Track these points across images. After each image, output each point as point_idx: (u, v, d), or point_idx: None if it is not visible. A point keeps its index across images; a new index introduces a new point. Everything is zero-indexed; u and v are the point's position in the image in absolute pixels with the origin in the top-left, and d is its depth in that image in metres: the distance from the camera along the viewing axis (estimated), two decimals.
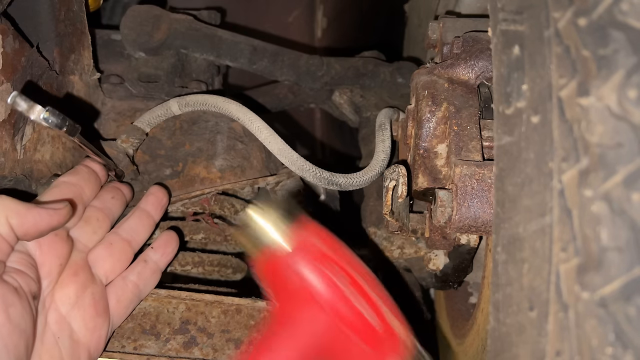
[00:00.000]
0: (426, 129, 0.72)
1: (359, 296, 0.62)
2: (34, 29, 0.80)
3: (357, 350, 0.62)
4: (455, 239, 0.77)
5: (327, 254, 0.63)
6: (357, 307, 0.62)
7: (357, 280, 0.63)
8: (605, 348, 0.36)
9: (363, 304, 0.62)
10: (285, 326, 0.63)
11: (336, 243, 0.65)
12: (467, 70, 0.73)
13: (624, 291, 0.36)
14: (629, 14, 0.38)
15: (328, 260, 0.63)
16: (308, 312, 0.62)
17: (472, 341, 0.85)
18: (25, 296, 0.60)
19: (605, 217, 0.37)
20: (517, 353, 0.44)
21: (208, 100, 0.89)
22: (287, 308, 0.64)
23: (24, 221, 0.60)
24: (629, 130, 0.37)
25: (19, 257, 0.62)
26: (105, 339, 0.69)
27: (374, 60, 1.17)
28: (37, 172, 0.78)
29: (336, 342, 0.62)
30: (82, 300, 0.67)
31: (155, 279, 0.76)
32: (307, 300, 0.62)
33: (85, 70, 0.90)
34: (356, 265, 0.64)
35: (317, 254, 0.63)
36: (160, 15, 1.04)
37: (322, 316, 0.62)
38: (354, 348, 0.62)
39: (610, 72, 0.38)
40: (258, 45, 1.08)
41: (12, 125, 0.72)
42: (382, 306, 0.63)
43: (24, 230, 0.60)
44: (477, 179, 0.64)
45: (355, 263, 0.64)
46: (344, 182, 0.85)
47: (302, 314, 0.62)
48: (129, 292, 0.72)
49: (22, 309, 0.59)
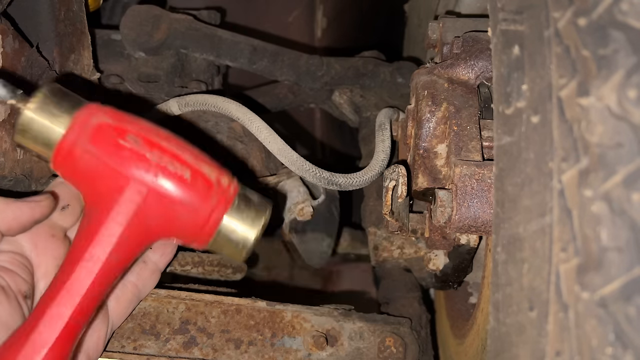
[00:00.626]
0: (426, 129, 0.72)
1: (161, 154, 0.60)
2: (33, 29, 0.80)
3: (177, 206, 0.60)
4: (455, 239, 0.77)
5: (114, 125, 0.60)
6: (160, 164, 0.59)
7: (154, 141, 0.60)
8: (605, 348, 0.36)
9: (167, 160, 0.60)
10: (101, 209, 0.60)
11: (125, 115, 0.62)
12: (467, 70, 0.73)
13: (624, 291, 0.36)
14: (628, 13, 0.38)
15: (116, 130, 0.60)
16: (115, 188, 0.59)
17: (472, 341, 0.85)
18: (14, 295, 0.60)
19: (605, 217, 0.37)
20: (517, 353, 0.44)
21: (208, 100, 0.89)
22: (96, 194, 0.61)
23: (4, 215, 0.60)
24: (629, 130, 0.37)
25: (10, 257, 0.62)
26: (104, 339, 0.69)
27: (374, 60, 1.17)
28: (37, 171, 0.78)
29: (154, 207, 0.60)
30: None
31: (154, 280, 0.76)
32: (110, 177, 0.59)
33: (85, 70, 0.90)
34: (152, 129, 0.62)
35: (103, 127, 0.59)
36: (160, 15, 1.04)
37: (130, 185, 0.59)
38: (173, 206, 0.60)
39: (610, 72, 0.38)
40: (258, 45, 1.08)
41: (12, 125, 0.72)
42: (189, 157, 0.61)
43: (6, 225, 0.60)
44: (477, 179, 0.64)
45: (150, 127, 0.62)
46: (344, 182, 0.85)
47: (110, 193, 0.60)
48: (128, 292, 0.72)
49: (11, 307, 0.59)
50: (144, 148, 0.60)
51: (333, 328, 0.78)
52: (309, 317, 0.78)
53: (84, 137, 0.59)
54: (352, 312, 0.80)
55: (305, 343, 0.77)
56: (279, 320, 0.78)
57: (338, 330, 0.78)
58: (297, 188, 0.97)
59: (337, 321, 0.78)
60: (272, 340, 0.77)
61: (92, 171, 0.60)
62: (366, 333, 0.78)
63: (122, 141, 0.59)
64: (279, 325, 0.77)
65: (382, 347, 0.78)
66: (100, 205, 0.61)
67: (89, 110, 0.61)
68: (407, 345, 0.79)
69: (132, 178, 0.59)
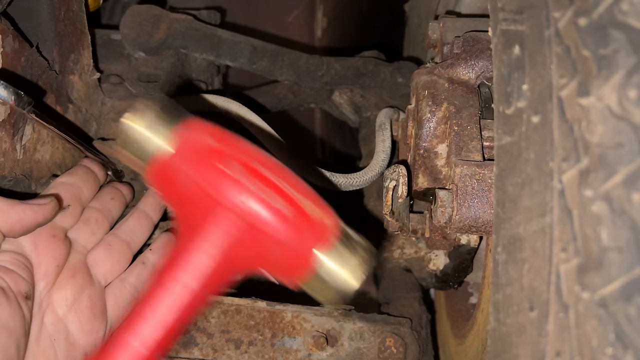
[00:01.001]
0: (426, 129, 0.72)
1: (264, 186, 0.55)
2: (33, 28, 0.80)
3: (275, 244, 0.55)
4: (455, 239, 0.77)
5: (217, 148, 0.55)
6: (263, 198, 0.54)
7: (258, 170, 0.55)
8: (605, 348, 0.36)
9: (269, 194, 0.54)
10: (193, 237, 0.55)
11: (228, 136, 0.57)
12: (467, 70, 0.73)
13: (624, 291, 0.36)
14: (629, 13, 0.38)
15: (219, 154, 0.55)
16: (211, 216, 0.54)
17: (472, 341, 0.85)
18: (14, 296, 0.60)
19: (606, 217, 0.37)
20: (518, 353, 0.44)
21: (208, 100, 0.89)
22: (189, 217, 0.57)
23: (7, 218, 0.60)
24: (630, 130, 0.37)
25: (11, 257, 0.62)
26: (102, 340, 0.69)
27: (374, 60, 1.17)
28: (37, 172, 0.78)
29: (249, 241, 0.55)
30: (79, 302, 0.67)
31: None
32: (206, 203, 0.55)
33: (85, 70, 0.90)
34: (256, 155, 0.57)
35: (205, 150, 0.55)
36: (160, 15, 1.04)
37: (227, 215, 0.54)
38: (270, 243, 0.55)
39: (611, 72, 0.38)
40: (258, 45, 1.08)
41: (12, 125, 0.72)
42: (293, 193, 0.55)
43: (8, 227, 0.60)
44: (477, 179, 0.64)
45: (254, 153, 0.57)
46: (344, 182, 0.85)
47: (205, 220, 0.55)
48: (127, 294, 0.72)
49: (11, 309, 0.58)
50: (246, 177, 0.55)
51: (333, 328, 0.78)
52: (309, 317, 0.78)
53: (182, 156, 0.55)
54: (352, 312, 0.80)
55: (306, 343, 0.77)
56: (279, 320, 0.78)
57: (338, 331, 0.78)
58: None
59: (337, 321, 0.78)
60: (272, 341, 0.77)
61: (188, 194, 0.55)
62: (366, 333, 0.78)
63: (223, 167, 0.54)
64: (279, 326, 0.77)
65: (382, 347, 0.78)
66: (192, 230, 0.56)
67: (191, 126, 0.56)
68: (407, 346, 0.79)
69: (229, 208, 0.54)
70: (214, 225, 0.55)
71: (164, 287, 0.54)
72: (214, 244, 0.55)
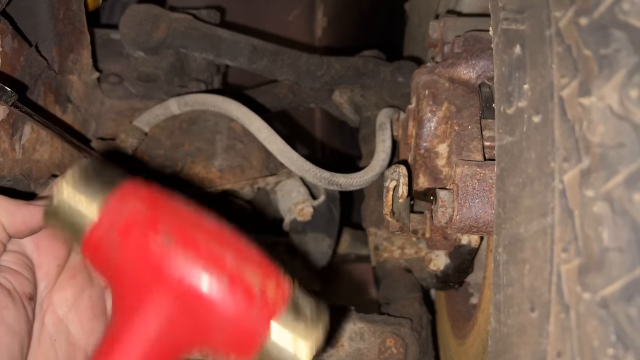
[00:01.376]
0: (427, 129, 0.72)
1: (192, 253, 0.51)
2: (32, 28, 0.80)
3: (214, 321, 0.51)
4: (456, 240, 0.77)
5: (148, 216, 0.52)
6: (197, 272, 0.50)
7: (194, 238, 0.52)
8: (606, 349, 0.36)
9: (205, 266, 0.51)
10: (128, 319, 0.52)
11: (163, 200, 0.54)
12: (468, 69, 0.73)
13: (625, 292, 0.36)
14: (630, 13, 0.38)
15: (149, 224, 0.51)
16: (145, 293, 0.51)
17: (472, 342, 0.85)
18: (19, 298, 0.59)
19: (607, 218, 0.37)
20: (518, 354, 0.44)
21: (207, 99, 0.89)
22: (124, 295, 0.53)
23: (14, 219, 0.60)
24: (631, 130, 0.37)
25: (14, 257, 0.62)
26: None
27: (374, 60, 1.17)
28: (36, 172, 0.78)
29: (187, 320, 0.51)
30: (80, 302, 0.67)
31: None
32: (138, 279, 0.51)
33: (84, 70, 0.90)
34: (192, 219, 0.53)
35: (133, 220, 0.51)
36: (159, 15, 1.04)
37: (159, 293, 0.51)
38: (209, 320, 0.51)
39: (612, 71, 0.38)
40: (258, 45, 1.08)
41: (11, 125, 0.72)
42: (232, 261, 0.52)
43: (14, 229, 0.60)
44: (478, 179, 0.64)
45: (190, 216, 0.53)
46: (344, 182, 0.85)
47: (139, 299, 0.51)
48: None
49: (16, 311, 0.58)
50: (176, 248, 0.51)
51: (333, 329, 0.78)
52: None
53: (112, 229, 0.52)
54: (353, 313, 0.80)
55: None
56: None
57: (338, 331, 0.78)
58: (297, 188, 0.97)
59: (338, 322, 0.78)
60: None
61: (119, 269, 0.53)
62: (366, 334, 0.78)
63: (152, 239, 0.51)
64: None
65: (382, 347, 0.77)
66: (126, 308, 0.53)
67: (121, 196, 0.53)
68: (407, 346, 0.78)
69: (160, 283, 0.51)
70: (146, 302, 0.51)
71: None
72: (146, 323, 0.52)
